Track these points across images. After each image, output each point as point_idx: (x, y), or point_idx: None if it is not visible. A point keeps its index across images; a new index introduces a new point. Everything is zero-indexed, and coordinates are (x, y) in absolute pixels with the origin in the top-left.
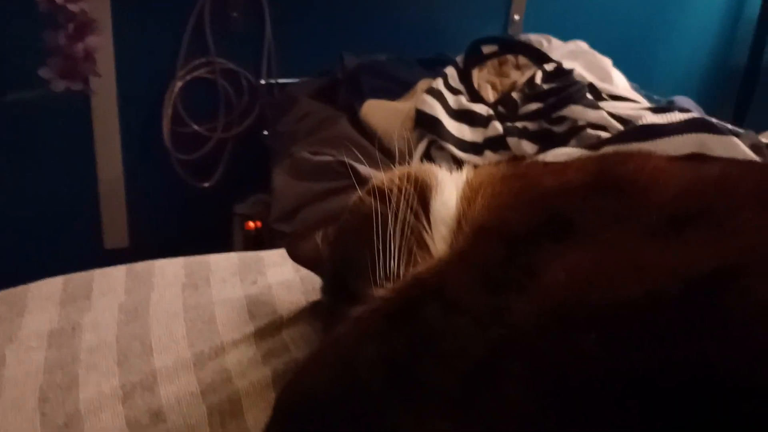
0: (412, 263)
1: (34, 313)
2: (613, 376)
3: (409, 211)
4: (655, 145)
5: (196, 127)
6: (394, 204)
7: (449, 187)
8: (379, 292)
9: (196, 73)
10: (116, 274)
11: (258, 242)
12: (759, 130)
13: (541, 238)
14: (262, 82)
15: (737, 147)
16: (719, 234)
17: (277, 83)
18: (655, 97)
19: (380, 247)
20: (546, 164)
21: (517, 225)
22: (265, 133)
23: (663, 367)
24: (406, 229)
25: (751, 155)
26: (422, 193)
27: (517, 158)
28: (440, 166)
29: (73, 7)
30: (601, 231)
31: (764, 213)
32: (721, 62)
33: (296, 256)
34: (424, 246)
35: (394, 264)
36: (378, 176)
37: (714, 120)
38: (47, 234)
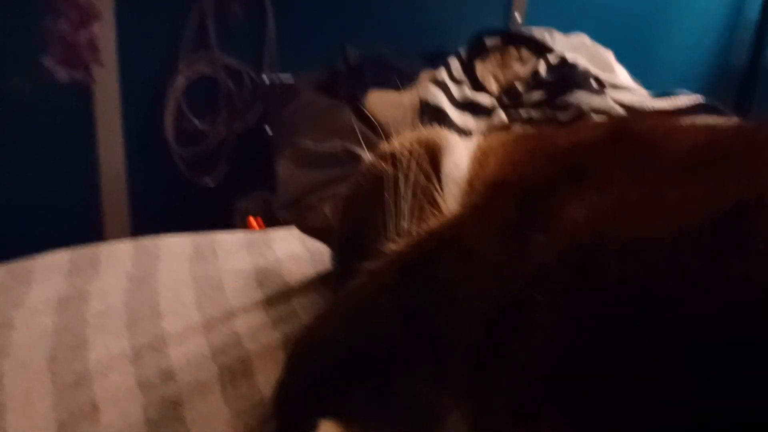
0: (424, 221)
1: (41, 282)
2: (645, 301)
3: (420, 171)
4: None
5: (197, 122)
6: (405, 166)
7: (460, 149)
8: (393, 247)
9: (197, 67)
10: (123, 247)
11: None
12: None
13: (557, 186)
14: (264, 77)
15: None
16: (741, 172)
17: (279, 79)
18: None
19: (392, 208)
20: (557, 127)
21: (533, 177)
22: (267, 128)
23: (694, 289)
24: (417, 189)
25: None
26: (433, 155)
27: (527, 123)
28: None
29: None
30: (619, 174)
31: None
32: (721, 62)
33: (305, 227)
34: (435, 205)
35: (406, 223)
36: (392, 142)
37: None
38: (47, 228)
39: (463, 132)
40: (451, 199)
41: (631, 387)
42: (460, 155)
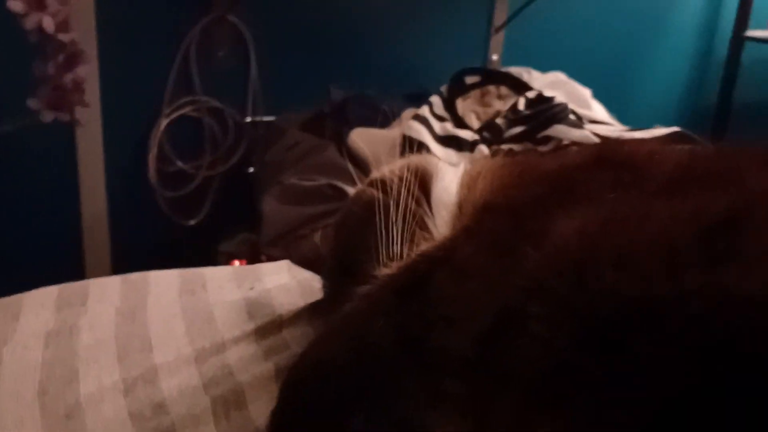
0: (415, 245)
1: (29, 318)
2: (639, 310)
3: (410, 197)
4: None
5: (181, 164)
6: (395, 192)
7: (449, 175)
8: (386, 270)
9: (181, 111)
10: (111, 282)
11: None
12: None
13: (546, 205)
14: (248, 119)
15: None
16: (725, 187)
17: (263, 121)
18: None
19: (383, 233)
20: (542, 153)
21: (522, 198)
22: (251, 170)
23: (687, 297)
24: (408, 214)
25: None
26: (423, 180)
27: (513, 151)
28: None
29: (63, 37)
30: (607, 193)
31: (765, 169)
32: (694, 101)
33: (296, 258)
34: (426, 230)
35: (397, 247)
36: (381, 170)
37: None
38: (29, 269)
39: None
40: (441, 223)
41: (628, 395)
42: (449, 180)
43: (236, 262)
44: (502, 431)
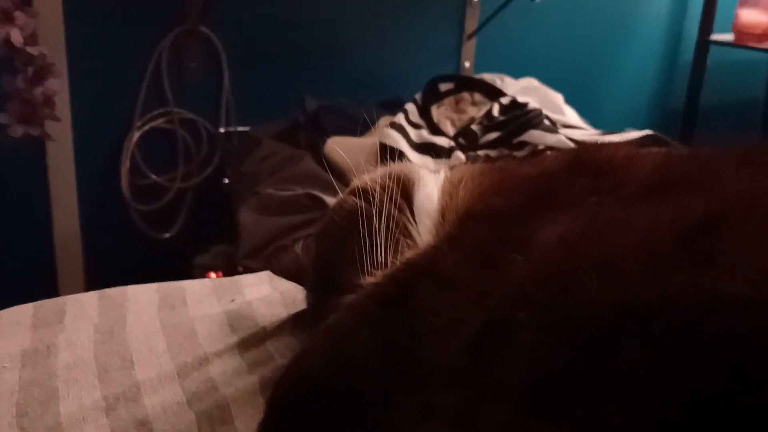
0: (399, 254)
1: (5, 338)
2: (624, 314)
3: (392, 205)
4: None
5: (155, 177)
6: (377, 200)
7: (431, 182)
8: (370, 279)
9: (154, 123)
10: (88, 299)
11: None
12: None
13: (528, 212)
14: (221, 130)
15: None
16: (702, 191)
17: (236, 131)
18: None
19: (366, 241)
20: (521, 159)
21: (503, 206)
22: (226, 181)
23: (670, 300)
24: (391, 222)
25: None
26: (405, 188)
27: (491, 158)
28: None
29: (32, 50)
30: (586, 199)
31: (739, 170)
32: (660, 105)
33: (277, 268)
34: (409, 237)
35: (381, 256)
36: (362, 178)
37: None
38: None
39: None
40: (424, 230)
41: (618, 401)
42: (431, 188)
43: (212, 275)
44: None
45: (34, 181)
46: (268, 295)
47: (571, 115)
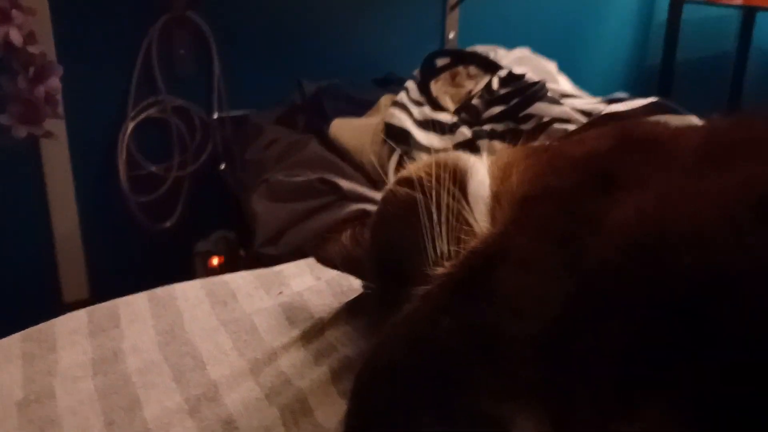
0: (462, 242)
1: (67, 348)
2: (718, 283)
3: (447, 194)
4: None
5: (151, 167)
6: (433, 191)
7: (481, 169)
8: (439, 269)
9: (147, 113)
10: (138, 301)
11: None
12: None
13: (590, 193)
14: (215, 116)
15: (695, 123)
16: (758, 158)
17: (229, 116)
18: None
19: (427, 231)
20: (562, 139)
21: (561, 186)
22: (222, 167)
23: (758, 266)
24: (449, 212)
25: None
26: (456, 177)
27: (529, 137)
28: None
29: (32, 49)
30: (648, 176)
31: None
32: (638, 64)
33: (324, 259)
34: (467, 225)
35: (444, 245)
36: (408, 168)
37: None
38: (3, 293)
39: (428, 149)
40: (481, 217)
41: (719, 356)
42: (482, 174)
43: (215, 260)
44: (586, 414)
45: (30, 178)
46: (314, 285)
47: (564, 84)
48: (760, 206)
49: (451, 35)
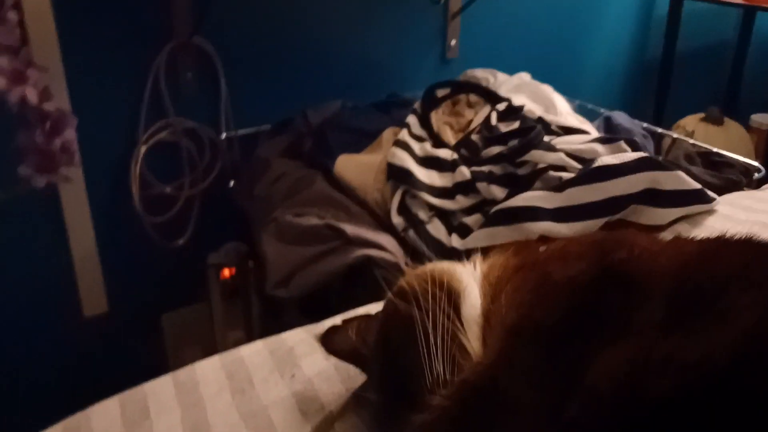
0: (457, 367)
1: None
2: None
3: (442, 314)
4: (613, 184)
5: (165, 188)
6: (429, 309)
7: (474, 289)
8: (436, 400)
9: (158, 137)
10: (164, 388)
11: (234, 290)
12: (679, 116)
13: (572, 335)
14: (223, 136)
15: (683, 179)
16: (716, 319)
17: (237, 135)
18: (590, 106)
19: (424, 351)
20: (545, 250)
21: (545, 323)
22: (231, 184)
23: None
24: (445, 334)
25: (694, 185)
26: (451, 297)
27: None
28: (460, 263)
29: (48, 106)
30: (624, 328)
31: (742, 292)
32: (639, 58)
33: (332, 351)
34: (461, 347)
35: (440, 367)
36: (403, 278)
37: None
38: (26, 313)
39: (429, 188)
40: (473, 338)
41: None
42: (474, 296)
43: (226, 271)
44: None
45: (48, 204)
46: (324, 369)
47: (561, 106)
48: (716, 386)
49: (453, 43)
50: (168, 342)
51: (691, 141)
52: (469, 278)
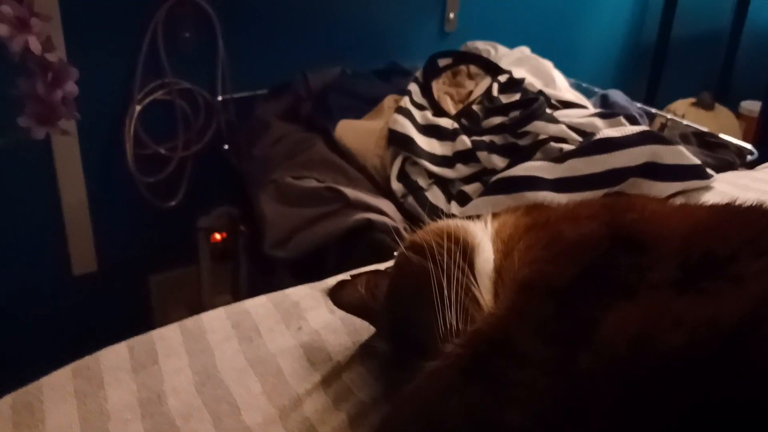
0: (470, 318)
1: (114, 386)
2: (678, 419)
3: (456, 268)
4: (614, 157)
5: (158, 148)
6: (443, 262)
7: (487, 245)
8: (448, 348)
9: (153, 96)
10: (171, 334)
11: (224, 253)
12: (670, 100)
13: (584, 291)
14: (219, 98)
15: (683, 154)
16: (729, 282)
17: (233, 98)
18: (584, 84)
19: (438, 303)
20: (556, 210)
21: (558, 279)
22: (226, 147)
23: (712, 408)
24: (458, 287)
25: (694, 160)
26: (465, 251)
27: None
28: (473, 220)
29: (50, 57)
30: (636, 286)
31: (754, 259)
32: (634, 42)
33: (341, 304)
34: (474, 300)
35: (453, 318)
36: (417, 233)
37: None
38: (15, 267)
39: (430, 155)
40: (486, 291)
41: None
42: (488, 251)
43: (217, 236)
44: None
45: (39, 158)
46: (330, 322)
47: (561, 84)
48: (723, 344)
49: (452, 16)
50: (155, 303)
51: (685, 122)
52: (483, 235)
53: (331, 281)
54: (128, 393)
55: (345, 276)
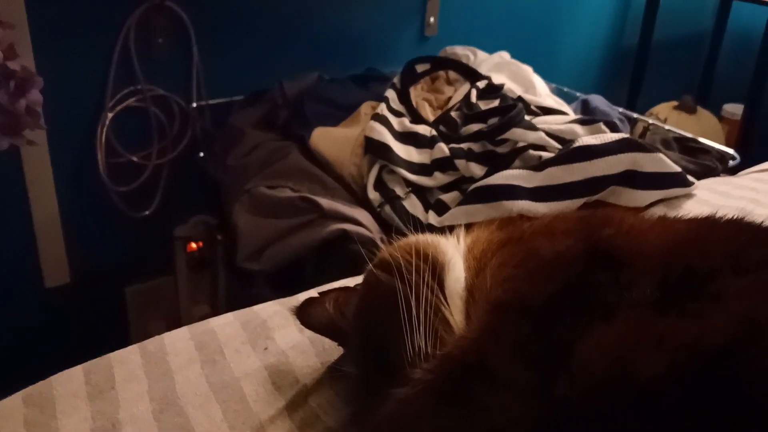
0: (440, 341)
1: (68, 414)
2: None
3: (426, 287)
4: (593, 165)
5: (131, 156)
6: (412, 281)
7: (458, 262)
8: (418, 373)
9: (126, 103)
10: (131, 356)
11: (201, 263)
12: (652, 103)
13: (561, 312)
14: (194, 105)
15: (663, 161)
16: (711, 302)
17: (208, 105)
18: (565, 89)
19: (406, 325)
20: (531, 224)
21: (533, 298)
22: (201, 155)
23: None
24: (428, 307)
25: (675, 167)
26: (435, 270)
27: (503, 220)
28: (443, 236)
29: (12, 65)
30: (614, 306)
31: (735, 276)
32: (615, 45)
33: (308, 324)
34: (444, 320)
35: (422, 341)
36: (386, 249)
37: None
38: None
39: (407, 163)
40: (456, 312)
41: None
42: (459, 269)
43: (193, 245)
44: None
45: (8, 168)
46: (298, 342)
47: (541, 89)
48: (706, 369)
49: (432, 20)
50: (132, 315)
51: (666, 127)
52: (454, 251)
53: (303, 296)
54: (82, 422)
55: (313, 293)
